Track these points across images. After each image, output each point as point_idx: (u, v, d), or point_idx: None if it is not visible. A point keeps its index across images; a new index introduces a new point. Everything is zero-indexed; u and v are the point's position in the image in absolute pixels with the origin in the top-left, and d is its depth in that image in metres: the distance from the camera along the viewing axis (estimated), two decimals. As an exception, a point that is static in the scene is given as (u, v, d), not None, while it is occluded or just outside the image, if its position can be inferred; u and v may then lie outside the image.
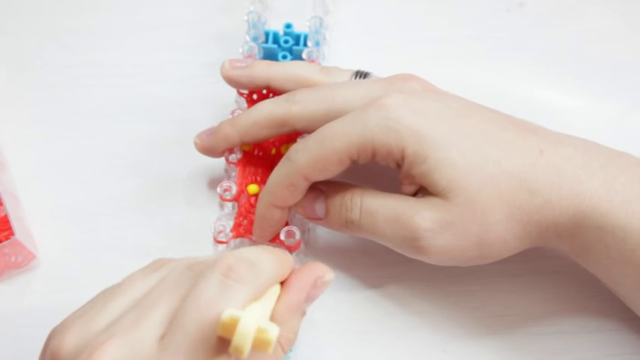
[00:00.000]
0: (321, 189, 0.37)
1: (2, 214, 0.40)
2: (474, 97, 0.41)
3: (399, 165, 0.35)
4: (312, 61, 0.43)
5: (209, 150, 0.40)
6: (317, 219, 0.38)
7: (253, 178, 0.41)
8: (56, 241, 0.42)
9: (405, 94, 0.35)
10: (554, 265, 0.40)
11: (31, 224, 0.42)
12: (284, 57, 0.44)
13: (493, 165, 0.34)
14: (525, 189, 0.34)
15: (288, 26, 0.45)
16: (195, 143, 0.40)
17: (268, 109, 0.38)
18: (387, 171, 0.37)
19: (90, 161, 0.44)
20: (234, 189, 0.39)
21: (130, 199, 0.43)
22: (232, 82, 0.41)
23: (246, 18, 0.44)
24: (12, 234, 0.39)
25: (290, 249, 0.39)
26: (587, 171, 0.34)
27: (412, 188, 0.36)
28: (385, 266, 0.40)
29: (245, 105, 0.42)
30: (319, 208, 0.37)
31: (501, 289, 0.40)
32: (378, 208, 0.36)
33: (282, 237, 0.38)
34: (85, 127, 0.45)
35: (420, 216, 0.34)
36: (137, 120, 0.45)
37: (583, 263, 0.36)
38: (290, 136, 0.41)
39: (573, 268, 0.39)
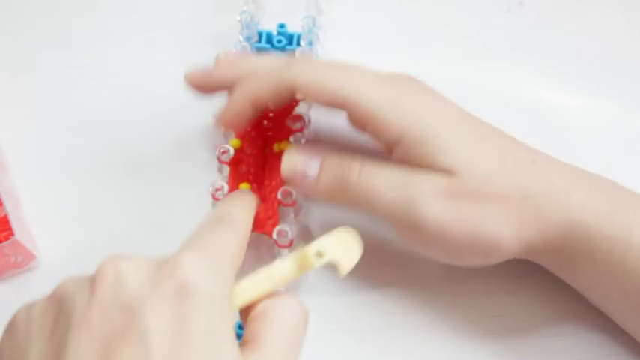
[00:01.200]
0: (318, 150, 0.37)
1: (2, 215, 0.40)
2: (474, 98, 0.41)
3: (389, 148, 0.35)
4: None
5: (197, 84, 0.40)
6: (307, 181, 0.37)
7: (245, 177, 0.41)
8: (56, 241, 0.42)
9: (410, 87, 0.36)
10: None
11: (31, 224, 0.42)
12: None
13: (494, 162, 0.35)
14: (520, 192, 0.34)
15: (282, 26, 0.45)
16: (186, 76, 0.40)
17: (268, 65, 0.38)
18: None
19: (90, 161, 0.44)
20: (226, 188, 0.39)
21: (130, 199, 0.43)
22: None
23: (239, 18, 0.44)
24: (12, 234, 0.39)
25: (282, 247, 0.39)
26: (575, 183, 0.35)
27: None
28: (384, 266, 0.41)
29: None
30: (313, 165, 0.36)
31: (500, 290, 0.40)
32: (379, 170, 0.35)
33: (274, 236, 0.38)
34: (85, 127, 0.45)
35: (427, 178, 0.34)
36: (137, 120, 0.45)
37: (569, 277, 0.37)
38: (283, 133, 0.41)
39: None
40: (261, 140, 0.42)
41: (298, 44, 0.44)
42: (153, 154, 0.44)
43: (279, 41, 0.45)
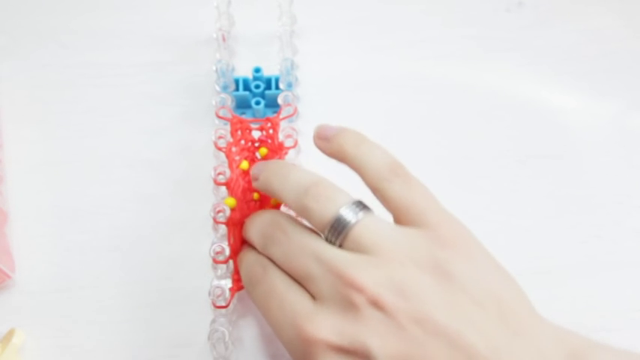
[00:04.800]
0: None
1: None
2: (473, 97, 0.41)
3: None
4: (288, 105, 0.41)
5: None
6: None
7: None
8: (56, 241, 0.42)
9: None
10: (554, 264, 0.41)
11: (25, 231, 0.42)
12: (257, 103, 0.44)
13: None
14: None
15: (257, 70, 0.44)
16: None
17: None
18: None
19: (90, 161, 0.44)
20: (227, 250, 0.38)
21: (130, 199, 0.43)
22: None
23: (214, 68, 0.44)
24: None
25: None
26: None
27: None
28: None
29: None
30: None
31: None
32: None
33: None
34: (85, 127, 0.45)
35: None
36: (137, 120, 0.45)
37: None
38: None
39: (573, 268, 0.39)
40: (250, 189, 0.40)
41: (277, 87, 0.44)
42: (153, 154, 0.44)
43: (257, 86, 0.44)
